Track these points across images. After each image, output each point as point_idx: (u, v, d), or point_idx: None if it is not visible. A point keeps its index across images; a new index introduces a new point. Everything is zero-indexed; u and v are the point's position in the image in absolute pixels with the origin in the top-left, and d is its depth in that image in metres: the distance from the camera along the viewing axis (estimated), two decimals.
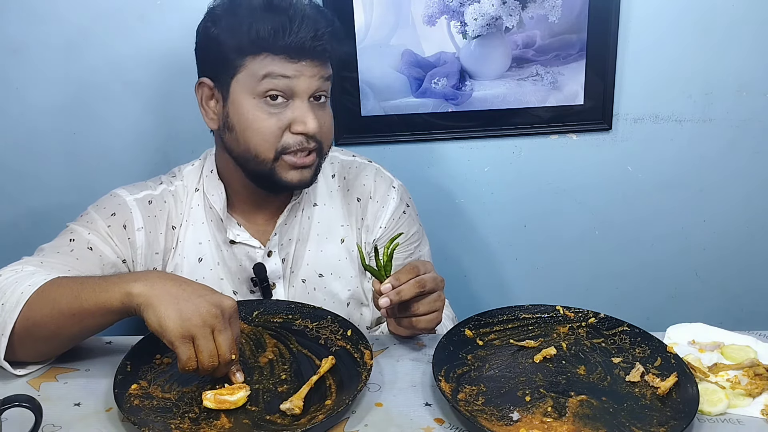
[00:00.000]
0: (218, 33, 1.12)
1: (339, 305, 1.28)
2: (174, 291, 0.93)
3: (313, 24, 1.10)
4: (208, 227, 1.25)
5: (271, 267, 1.24)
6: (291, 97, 1.12)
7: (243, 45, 1.10)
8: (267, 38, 1.09)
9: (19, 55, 1.53)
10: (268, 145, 1.13)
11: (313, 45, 1.10)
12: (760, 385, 0.96)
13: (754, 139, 1.63)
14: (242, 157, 1.16)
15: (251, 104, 1.12)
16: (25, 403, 0.83)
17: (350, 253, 1.29)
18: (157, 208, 1.23)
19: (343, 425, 0.91)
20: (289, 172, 1.15)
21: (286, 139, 1.13)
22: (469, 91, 1.57)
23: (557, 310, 1.13)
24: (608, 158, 1.64)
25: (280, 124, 1.12)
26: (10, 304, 0.99)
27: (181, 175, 1.28)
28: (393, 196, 1.30)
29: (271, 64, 1.10)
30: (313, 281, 1.27)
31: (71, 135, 1.60)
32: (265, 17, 1.09)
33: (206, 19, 1.14)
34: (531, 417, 0.90)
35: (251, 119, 1.12)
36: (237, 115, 1.13)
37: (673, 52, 1.55)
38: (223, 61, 1.12)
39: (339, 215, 1.29)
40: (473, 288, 1.75)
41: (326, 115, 1.17)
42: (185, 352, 0.91)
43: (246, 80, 1.11)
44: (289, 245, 1.26)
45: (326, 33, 1.11)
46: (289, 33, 1.08)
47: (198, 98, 1.19)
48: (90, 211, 1.20)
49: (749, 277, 1.75)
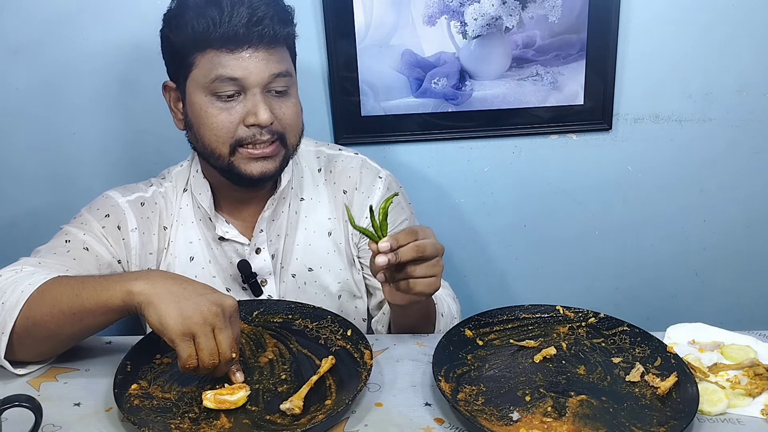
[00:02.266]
0: (169, 34, 1.15)
1: (330, 298, 1.28)
2: (175, 289, 0.93)
3: (247, 9, 1.08)
4: (197, 226, 1.26)
5: (260, 263, 1.25)
6: (243, 90, 1.12)
7: (187, 43, 1.12)
8: (203, 32, 1.09)
9: (19, 56, 1.53)
10: (221, 140, 1.14)
11: (249, 31, 1.08)
12: (760, 385, 0.96)
13: (754, 139, 1.63)
14: (203, 153, 1.18)
15: (203, 101, 1.13)
16: (25, 403, 0.83)
17: (338, 245, 1.29)
18: (149, 209, 1.24)
19: (343, 425, 0.91)
20: (249, 164, 1.15)
21: (239, 133, 1.13)
22: (469, 91, 1.57)
23: (557, 310, 1.13)
24: (608, 158, 1.64)
25: (231, 118, 1.13)
26: (10, 303, 0.99)
27: (170, 176, 1.30)
28: (379, 186, 1.30)
29: (215, 59, 1.10)
30: (303, 276, 1.28)
31: (71, 135, 1.60)
32: (203, 12, 1.09)
33: (163, 23, 1.16)
34: (531, 417, 0.90)
35: (203, 116, 1.14)
36: (192, 113, 1.16)
37: (673, 52, 1.55)
38: (177, 61, 1.15)
39: (326, 208, 1.29)
40: (473, 288, 1.75)
41: (287, 105, 1.16)
42: (186, 350, 0.91)
43: (198, 78, 1.13)
44: (277, 241, 1.27)
45: (265, 17, 1.09)
46: (220, 23, 1.08)
47: (166, 101, 1.21)
48: (84, 213, 1.21)
49: (749, 277, 1.75)
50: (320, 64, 1.54)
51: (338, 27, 1.50)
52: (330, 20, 1.49)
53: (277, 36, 1.11)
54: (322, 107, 1.58)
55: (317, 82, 1.56)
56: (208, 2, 1.10)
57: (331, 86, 1.56)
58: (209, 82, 1.11)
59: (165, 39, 1.16)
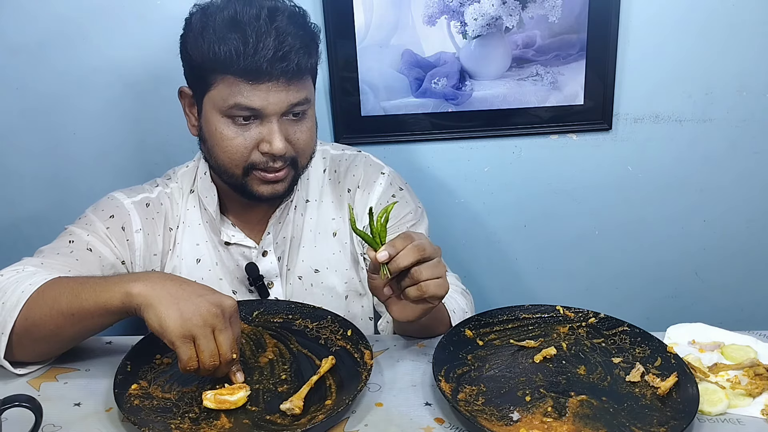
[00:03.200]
0: (189, 48, 1.11)
1: (337, 299, 1.28)
2: (174, 291, 0.93)
3: (273, 42, 1.05)
4: (204, 228, 1.25)
5: (267, 266, 1.25)
6: (260, 116, 1.10)
7: (206, 66, 1.09)
8: (225, 61, 1.06)
9: (18, 56, 1.53)
10: (235, 163, 1.13)
11: (273, 67, 1.05)
12: (760, 385, 0.96)
13: (754, 139, 1.63)
14: (216, 169, 1.18)
15: (220, 122, 1.12)
16: (25, 403, 0.83)
17: (343, 245, 1.29)
18: (155, 210, 1.23)
19: (343, 425, 0.91)
20: (260, 186, 1.15)
21: (253, 157, 1.13)
22: (469, 91, 1.57)
23: (557, 310, 1.13)
24: (608, 158, 1.64)
25: (246, 143, 1.12)
26: (10, 303, 0.99)
27: (175, 177, 1.29)
28: (380, 182, 1.29)
29: (235, 87, 1.08)
30: (309, 277, 1.27)
31: (71, 135, 1.60)
32: (226, 38, 1.05)
33: (183, 31, 1.13)
34: (531, 417, 0.90)
35: (219, 137, 1.12)
36: (208, 130, 1.14)
37: (673, 52, 1.55)
38: (195, 75, 1.13)
39: (331, 209, 1.29)
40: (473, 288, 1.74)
41: (303, 129, 1.15)
42: (186, 352, 0.91)
43: (215, 99, 1.11)
44: (283, 243, 1.27)
45: (291, 50, 1.06)
46: (244, 56, 1.04)
47: (181, 104, 1.20)
48: (88, 214, 1.21)
49: (749, 277, 1.75)
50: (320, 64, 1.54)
51: (338, 27, 1.50)
52: (330, 20, 1.49)
53: (301, 70, 1.09)
54: (322, 107, 1.58)
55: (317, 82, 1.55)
56: (232, 26, 1.05)
57: (331, 86, 1.56)
58: (226, 108, 1.09)
59: (184, 49, 1.13)
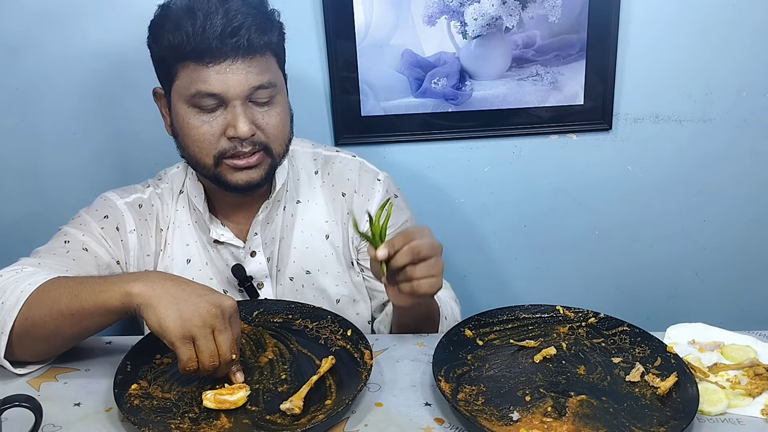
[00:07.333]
0: (152, 44, 1.13)
1: (329, 302, 1.28)
2: (174, 291, 0.93)
3: (221, 20, 1.05)
4: (194, 228, 1.26)
5: (256, 267, 1.25)
6: (224, 101, 1.10)
7: (166, 55, 1.10)
8: (179, 45, 1.07)
9: (19, 56, 1.53)
10: (204, 152, 1.13)
11: (223, 44, 1.05)
12: (760, 385, 0.96)
13: (754, 139, 1.62)
14: (190, 162, 1.18)
15: (187, 113, 1.12)
16: (25, 403, 0.83)
17: (336, 248, 1.28)
18: (147, 211, 1.24)
19: (343, 425, 0.91)
20: (234, 174, 1.14)
21: (222, 144, 1.12)
22: (469, 91, 1.57)
23: (557, 310, 1.13)
24: (608, 158, 1.64)
25: (212, 130, 1.11)
26: (9, 302, 0.99)
27: (166, 177, 1.29)
28: (378, 189, 1.29)
29: (194, 74, 1.08)
30: (301, 278, 1.27)
31: (71, 135, 1.60)
32: (179, 25, 1.06)
33: (148, 31, 1.14)
34: (531, 417, 0.90)
35: (186, 127, 1.13)
36: (177, 123, 1.15)
37: (673, 52, 1.55)
38: (162, 71, 1.14)
39: (323, 211, 1.29)
40: (473, 288, 1.75)
41: (272, 114, 1.14)
42: (186, 352, 0.91)
43: (180, 89, 1.11)
44: (272, 243, 1.26)
45: (241, 27, 1.06)
46: (193, 36, 1.05)
47: (158, 106, 1.21)
48: (82, 214, 1.21)
49: (749, 277, 1.75)
50: (320, 64, 1.54)
51: (338, 27, 1.50)
52: (330, 20, 1.49)
53: (254, 46, 1.08)
54: (322, 107, 1.58)
55: (317, 82, 1.56)
56: (185, 13, 1.06)
57: (331, 86, 1.56)
58: (190, 96, 1.10)
59: (150, 47, 1.15)
